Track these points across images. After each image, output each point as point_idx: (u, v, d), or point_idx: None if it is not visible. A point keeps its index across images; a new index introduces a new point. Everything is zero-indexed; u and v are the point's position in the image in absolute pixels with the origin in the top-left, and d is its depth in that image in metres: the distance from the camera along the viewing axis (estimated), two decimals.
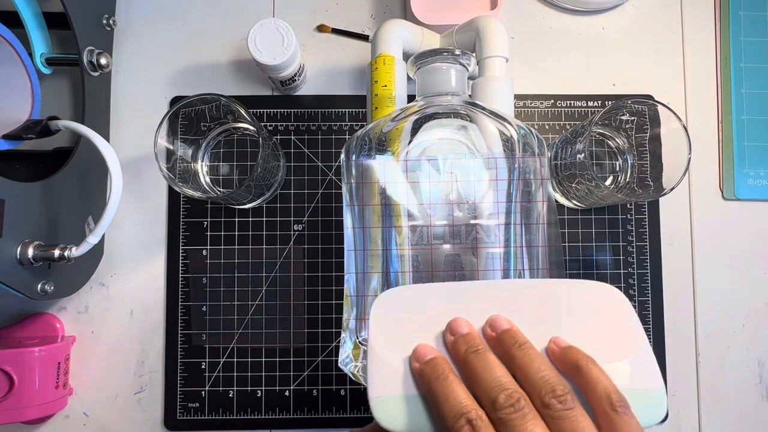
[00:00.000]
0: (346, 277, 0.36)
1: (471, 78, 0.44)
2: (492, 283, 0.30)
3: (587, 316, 0.26)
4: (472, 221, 0.33)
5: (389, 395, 0.25)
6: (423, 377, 0.25)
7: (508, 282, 0.30)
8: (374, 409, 0.25)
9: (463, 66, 0.36)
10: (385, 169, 0.34)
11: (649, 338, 0.50)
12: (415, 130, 0.34)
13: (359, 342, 0.34)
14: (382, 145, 0.35)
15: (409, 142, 0.34)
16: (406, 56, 0.43)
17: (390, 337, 0.26)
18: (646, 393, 0.24)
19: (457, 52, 0.35)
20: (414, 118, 0.34)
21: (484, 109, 0.35)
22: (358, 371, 0.34)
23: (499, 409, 0.23)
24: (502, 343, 0.25)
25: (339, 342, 0.35)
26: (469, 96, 0.40)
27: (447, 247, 0.32)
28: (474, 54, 0.43)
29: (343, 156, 0.37)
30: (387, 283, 0.33)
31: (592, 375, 0.24)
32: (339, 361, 0.36)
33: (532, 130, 0.35)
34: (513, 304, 0.26)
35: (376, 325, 0.26)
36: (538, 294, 0.27)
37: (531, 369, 0.24)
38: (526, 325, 0.25)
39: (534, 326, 0.25)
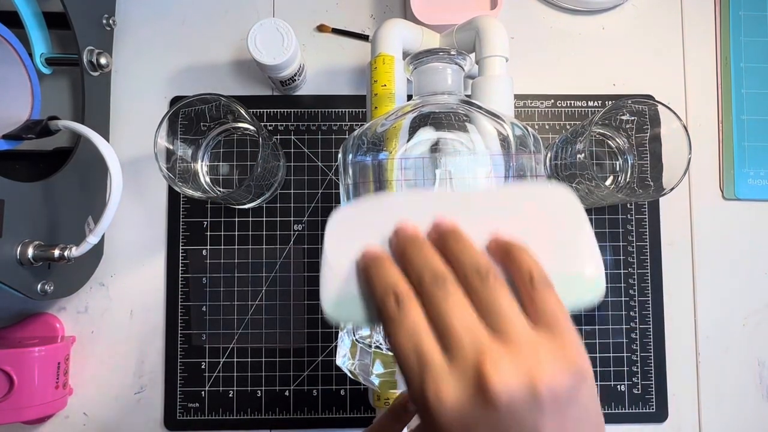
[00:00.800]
0: None
1: (470, 77, 0.44)
2: (445, 194, 0.31)
3: (535, 215, 0.27)
4: None
5: (336, 293, 0.26)
6: (364, 269, 0.26)
7: (463, 192, 0.31)
8: (324, 308, 0.26)
9: (459, 66, 0.36)
10: (381, 168, 0.34)
11: (649, 338, 0.50)
12: (411, 130, 0.34)
13: (356, 340, 0.34)
14: (378, 144, 0.35)
15: (406, 141, 0.34)
16: (406, 56, 0.43)
17: (342, 244, 0.27)
18: (578, 276, 0.26)
19: (453, 51, 0.35)
20: (410, 117, 0.34)
21: (480, 108, 0.35)
22: (355, 369, 0.34)
23: (424, 284, 0.23)
24: (443, 238, 0.25)
25: (338, 341, 0.35)
26: (468, 96, 0.40)
27: None
28: (473, 54, 0.44)
29: (340, 155, 0.37)
30: None
31: (519, 257, 0.24)
32: (337, 359, 0.36)
33: (528, 128, 0.35)
34: (466, 208, 0.27)
35: (330, 234, 0.28)
36: (493, 198, 0.28)
37: (462, 255, 0.24)
38: (473, 225, 0.26)
39: (481, 228, 0.26)
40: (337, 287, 0.27)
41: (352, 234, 0.27)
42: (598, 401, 0.24)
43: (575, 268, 0.26)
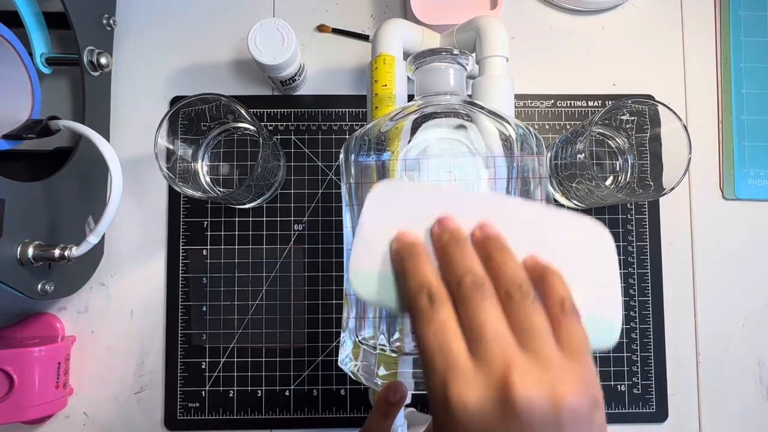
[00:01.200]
0: (345, 277, 0.36)
1: (471, 77, 0.44)
2: (493, 195, 0.31)
3: (572, 245, 0.28)
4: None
5: (367, 268, 0.26)
6: (397, 255, 0.26)
7: (509, 199, 0.31)
8: (351, 278, 0.26)
9: (462, 66, 0.36)
10: (383, 169, 0.34)
11: (649, 338, 0.50)
12: (413, 130, 0.34)
13: (359, 341, 0.34)
14: (381, 144, 0.35)
15: (408, 141, 0.34)
16: (407, 56, 0.43)
17: (381, 219, 0.27)
18: (601, 320, 0.26)
19: (456, 51, 0.35)
20: (413, 117, 0.34)
21: (482, 108, 0.35)
22: (357, 370, 0.34)
23: (464, 287, 0.24)
24: (486, 245, 0.26)
25: (339, 342, 0.35)
26: (469, 96, 0.40)
27: None
28: (473, 54, 0.44)
29: (342, 156, 0.36)
30: None
31: (553, 283, 0.25)
32: (339, 360, 0.36)
33: (531, 128, 0.35)
34: (508, 217, 0.27)
35: (371, 204, 0.27)
36: (534, 215, 0.28)
37: (505, 267, 0.25)
38: (514, 237, 0.26)
39: (520, 241, 0.26)
40: (368, 264, 0.26)
41: (392, 212, 0.27)
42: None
43: (600, 310, 0.26)
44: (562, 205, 0.51)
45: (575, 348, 0.23)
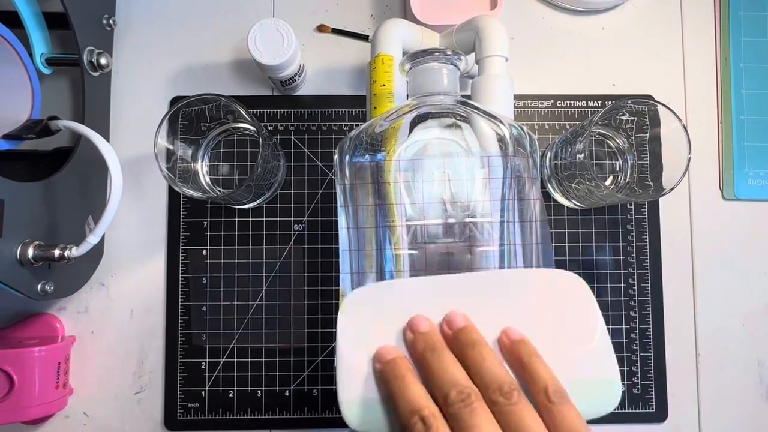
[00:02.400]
0: (341, 277, 0.36)
1: (470, 77, 0.44)
2: (458, 277, 0.31)
3: (546, 306, 0.27)
4: (467, 220, 0.33)
5: (355, 397, 0.26)
6: (383, 378, 0.26)
7: (473, 275, 0.30)
8: (343, 411, 0.26)
9: (455, 66, 0.36)
10: (379, 170, 0.34)
11: (649, 339, 0.50)
12: (408, 130, 0.34)
13: None
14: (375, 145, 0.35)
15: (403, 141, 0.34)
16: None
17: (356, 337, 0.27)
18: (597, 382, 0.25)
19: (449, 52, 0.35)
20: (407, 117, 0.34)
21: (476, 108, 0.35)
22: None
23: (451, 404, 0.24)
24: (457, 341, 0.26)
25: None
26: (468, 96, 0.40)
27: (441, 245, 0.32)
28: (473, 53, 0.44)
29: (336, 156, 0.36)
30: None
31: (533, 368, 0.25)
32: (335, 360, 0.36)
33: (524, 128, 0.35)
34: (475, 296, 0.27)
35: (343, 326, 0.27)
36: (500, 285, 0.28)
37: (482, 367, 0.25)
38: (484, 317, 0.26)
39: (492, 318, 0.26)
40: (356, 391, 0.26)
41: (365, 327, 0.27)
42: None
43: (595, 371, 0.25)
44: (562, 206, 0.51)
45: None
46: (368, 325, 0.27)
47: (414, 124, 0.34)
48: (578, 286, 0.27)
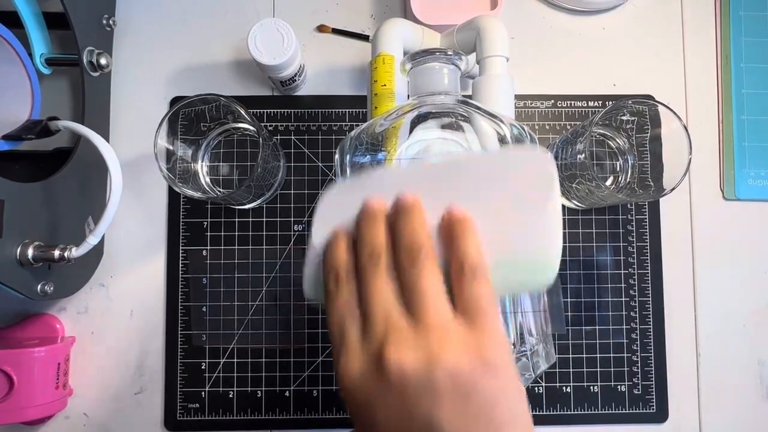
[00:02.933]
0: None
1: (471, 77, 0.44)
2: (424, 165, 0.30)
3: (502, 186, 0.26)
4: None
5: (310, 271, 0.28)
6: (324, 248, 0.27)
7: (443, 160, 0.30)
8: (303, 284, 0.28)
9: (456, 66, 0.36)
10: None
11: (650, 339, 0.50)
12: (409, 130, 0.34)
13: None
14: (376, 144, 0.35)
15: (404, 141, 0.34)
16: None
17: (324, 225, 0.28)
18: (530, 261, 0.25)
19: (450, 51, 0.35)
20: (408, 117, 0.34)
21: (477, 108, 0.35)
22: None
23: (360, 262, 0.25)
24: (395, 214, 0.26)
25: None
26: (469, 96, 0.40)
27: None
28: (473, 53, 0.44)
29: (337, 156, 0.36)
30: None
31: (459, 244, 0.24)
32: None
33: (525, 128, 0.35)
34: (435, 177, 0.27)
35: (317, 216, 0.29)
36: (467, 165, 0.28)
37: (404, 231, 0.25)
38: (437, 198, 0.26)
39: (445, 197, 0.26)
40: (311, 266, 0.28)
41: (332, 215, 0.28)
42: (521, 402, 0.23)
43: (527, 251, 0.25)
44: (563, 206, 0.51)
45: (471, 310, 0.23)
46: (335, 213, 0.28)
47: (415, 123, 0.34)
48: (545, 165, 0.26)
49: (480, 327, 0.23)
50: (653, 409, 0.49)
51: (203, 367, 0.49)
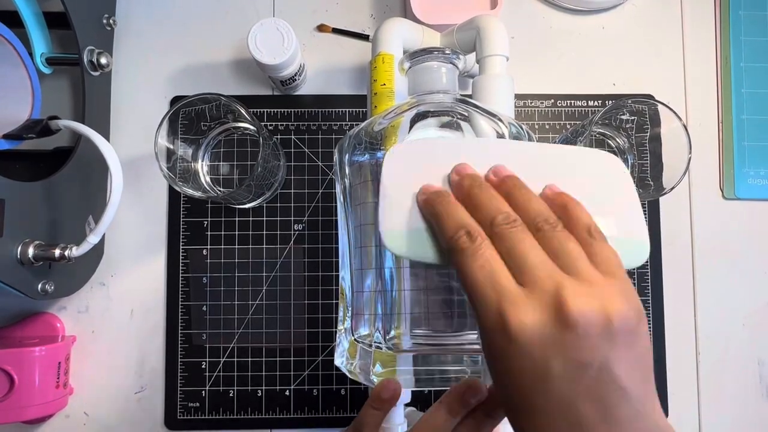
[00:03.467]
0: (341, 275, 0.36)
1: (471, 76, 0.44)
2: (501, 141, 0.33)
3: (586, 177, 0.29)
4: None
5: (397, 227, 0.27)
6: (427, 204, 0.27)
7: (516, 143, 0.32)
8: (385, 241, 0.27)
9: (454, 65, 0.36)
10: (379, 167, 0.34)
11: (650, 338, 0.50)
12: (407, 128, 0.34)
13: (354, 339, 0.34)
14: (375, 143, 0.35)
15: (402, 140, 0.34)
16: None
17: (400, 177, 0.28)
18: (628, 240, 0.27)
19: (448, 51, 0.35)
20: (406, 116, 0.34)
21: (475, 106, 0.35)
22: (354, 368, 0.34)
23: (497, 225, 0.25)
24: (504, 185, 0.27)
25: (336, 341, 0.35)
26: (469, 95, 0.40)
27: None
28: (473, 53, 0.44)
29: (336, 155, 0.36)
30: (382, 281, 0.33)
31: (577, 212, 0.26)
32: (335, 359, 0.36)
33: (524, 126, 0.35)
34: (518, 158, 0.28)
35: (389, 166, 0.28)
36: (543, 153, 0.29)
37: (528, 204, 0.26)
38: (528, 175, 0.28)
39: (533, 178, 0.27)
40: (399, 221, 0.27)
41: (409, 169, 0.28)
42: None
43: (625, 232, 0.28)
44: None
45: (610, 266, 0.25)
46: (412, 169, 0.28)
47: (413, 122, 0.34)
48: (614, 162, 0.29)
49: (623, 280, 0.25)
50: None
51: (203, 367, 0.49)
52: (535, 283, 0.24)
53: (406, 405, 0.44)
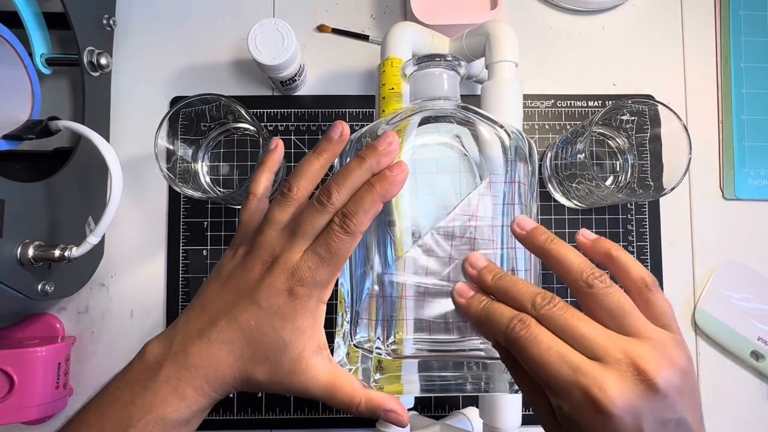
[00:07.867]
0: (339, 281, 0.36)
1: (479, 82, 0.43)
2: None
3: None
4: (468, 223, 0.32)
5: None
6: (468, 312, 0.28)
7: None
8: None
9: (456, 71, 0.36)
10: None
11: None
12: (408, 134, 0.34)
13: (354, 345, 0.34)
14: None
15: (404, 145, 0.34)
16: None
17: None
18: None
19: (450, 57, 0.35)
20: (408, 121, 0.34)
21: (477, 113, 0.35)
22: (358, 375, 0.34)
23: (539, 307, 0.26)
24: (534, 239, 0.28)
25: (335, 345, 0.35)
26: (479, 100, 0.40)
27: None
28: (482, 58, 0.44)
29: (336, 159, 0.36)
30: (381, 286, 0.33)
31: (625, 260, 0.27)
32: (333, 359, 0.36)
33: (524, 134, 0.35)
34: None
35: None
36: None
37: (568, 258, 0.27)
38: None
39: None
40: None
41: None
42: None
43: None
44: (562, 206, 0.51)
45: (665, 319, 0.26)
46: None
47: (414, 127, 0.34)
48: None
49: (676, 331, 0.26)
50: None
51: None
52: (604, 355, 0.24)
53: (408, 410, 0.44)
